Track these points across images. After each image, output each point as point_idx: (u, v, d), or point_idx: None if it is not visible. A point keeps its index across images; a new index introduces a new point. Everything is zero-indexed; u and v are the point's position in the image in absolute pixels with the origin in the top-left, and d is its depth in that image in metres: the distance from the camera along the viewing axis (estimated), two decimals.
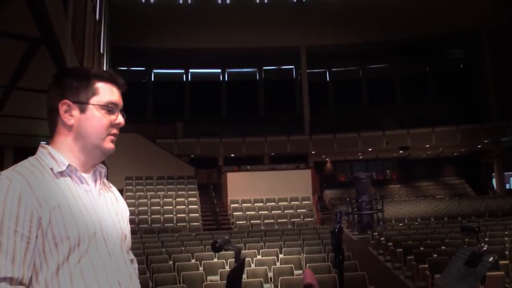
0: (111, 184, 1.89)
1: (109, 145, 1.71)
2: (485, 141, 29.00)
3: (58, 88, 1.69)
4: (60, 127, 1.68)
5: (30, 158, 1.64)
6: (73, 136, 1.68)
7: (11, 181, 1.50)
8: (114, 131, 1.72)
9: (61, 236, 1.51)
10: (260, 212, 20.24)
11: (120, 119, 1.73)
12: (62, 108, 1.66)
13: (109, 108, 1.69)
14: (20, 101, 9.56)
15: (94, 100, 1.68)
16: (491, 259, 3.61)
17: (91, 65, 12.96)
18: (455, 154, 34.43)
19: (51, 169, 1.60)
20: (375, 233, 15.23)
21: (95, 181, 1.73)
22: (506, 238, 11.96)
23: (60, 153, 1.65)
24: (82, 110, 1.67)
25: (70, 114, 1.67)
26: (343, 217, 3.31)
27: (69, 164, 1.63)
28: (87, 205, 1.62)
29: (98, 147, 1.69)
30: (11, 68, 7.54)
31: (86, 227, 1.57)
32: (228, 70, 36.52)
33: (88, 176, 1.70)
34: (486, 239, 11.28)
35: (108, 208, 1.72)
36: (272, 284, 8.74)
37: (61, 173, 1.62)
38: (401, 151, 30.54)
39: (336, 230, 3.17)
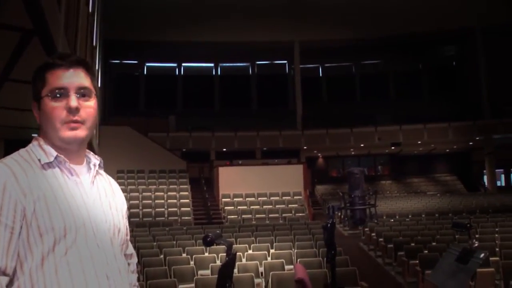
0: (109, 177, 1.86)
1: (66, 133, 1.61)
2: (477, 138, 29.13)
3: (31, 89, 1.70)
4: None
5: (21, 150, 1.64)
6: (42, 132, 1.67)
7: None
8: (70, 117, 1.61)
9: (45, 226, 1.50)
10: (251, 207, 20.25)
11: (70, 102, 1.61)
12: (33, 109, 1.68)
13: (56, 94, 1.61)
14: (11, 93, 9.50)
15: (43, 92, 1.63)
16: (482, 255, 3.62)
17: (84, 57, 12.90)
18: (447, 150, 34.54)
19: (39, 160, 1.60)
20: (366, 229, 15.26)
21: (88, 172, 1.71)
22: (496, 235, 12.03)
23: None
24: (39, 106, 1.65)
25: (36, 113, 1.68)
26: (336, 212, 3.31)
27: (57, 155, 1.61)
28: (76, 197, 1.60)
29: (58, 138, 1.62)
30: (3, 59, 7.50)
31: (73, 218, 1.55)
32: (221, 64, 36.47)
33: (79, 168, 1.68)
34: (477, 236, 11.33)
35: (101, 200, 1.69)
36: (263, 279, 8.74)
37: (49, 164, 1.60)
38: (393, 147, 30.65)
39: (329, 225, 3.17)
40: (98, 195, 1.70)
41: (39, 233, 1.49)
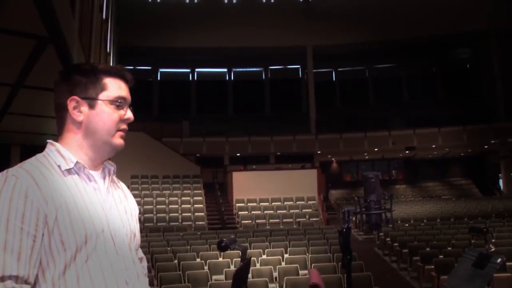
0: (120, 182, 1.88)
1: (118, 140, 1.70)
2: (492, 141, 28.87)
3: (66, 84, 1.67)
4: (69, 124, 1.67)
5: (38, 156, 1.63)
6: (82, 132, 1.66)
7: (17, 179, 1.48)
8: (124, 126, 1.71)
9: (67, 234, 1.50)
10: (265, 212, 20.23)
11: (129, 114, 1.71)
12: (71, 104, 1.64)
13: (118, 103, 1.68)
14: (27, 99, 9.59)
15: (103, 95, 1.66)
16: (499, 260, 3.58)
17: (98, 63, 12.97)
18: (462, 154, 34.30)
19: (59, 166, 1.59)
20: (381, 234, 15.18)
21: (104, 178, 1.72)
22: None
23: (68, 150, 1.64)
24: (91, 106, 1.65)
25: (79, 111, 1.65)
26: (351, 216, 3.29)
27: (77, 162, 1.62)
28: (95, 203, 1.61)
29: (108, 143, 1.67)
30: (18, 66, 7.56)
31: (93, 225, 1.55)
32: (234, 69, 36.54)
33: (96, 174, 1.69)
34: (493, 240, 11.22)
35: (117, 206, 1.70)
36: (277, 284, 8.72)
37: (69, 171, 1.60)
38: (407, 151, 30.47)
39: (344, 229, 3.15)
40: (113, 201, 1.71)
41: (61, 241, 1.50)
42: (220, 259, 10.31)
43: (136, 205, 1.88)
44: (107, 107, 1.66)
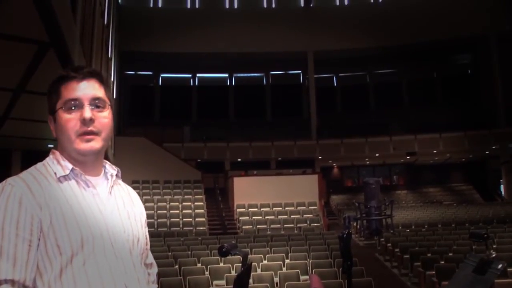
0: (128, 187, 1.88)
1: (81, 146, 1.62)
2: (493, 147, 28.85)
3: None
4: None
5: (38, 164, 1.66)
6: (58, 145, 1.69)
7: (12, 187, 1.52)
8: (84, 129, 1.62)
9: (63, 238, 1.52)
10: (266, 217, 20.19)
11: (84, 113, 1.62)
12: (49, 124, 1.71)
13: (70, 106, 1.63)
14: (28, 104, 9.60)
15: (58, 105, 1.65)
16: (500, 266, 3.57)
17: (99, 69, 12.99)
18: (463, 160, 34.27)
19: (55, 173, 1.62)
20: (382, 239, 15.15)
21: (106, 183, 1.72)
22: None
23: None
24: (55, 120, 1.67)
25: (52, 126, 1.70)
26: (352, 222, 3.29)
27: (73, 168, 1.63)
28: (92, 208, 1.61)
29: (74, 151, 1.64)
30: (20, 71, 7.58)
31: (89, 229, 1.56)
32: (235, 75, 36.52)
33: (96, 179, 1.69)
34: (494, 246, 11.20)
35: (119, 210, 1.70)
36: None
37: (65, 177, 1.62)
38: (408, 157, 30.44)
39: (345, 235, 3.15)
40: (116, 206, 1.71)
41: (57, 245, 1.51)
42: (221, 264, 10.29)
43: (143, 210, 1.88)
44: (62, 115, 1.64)
